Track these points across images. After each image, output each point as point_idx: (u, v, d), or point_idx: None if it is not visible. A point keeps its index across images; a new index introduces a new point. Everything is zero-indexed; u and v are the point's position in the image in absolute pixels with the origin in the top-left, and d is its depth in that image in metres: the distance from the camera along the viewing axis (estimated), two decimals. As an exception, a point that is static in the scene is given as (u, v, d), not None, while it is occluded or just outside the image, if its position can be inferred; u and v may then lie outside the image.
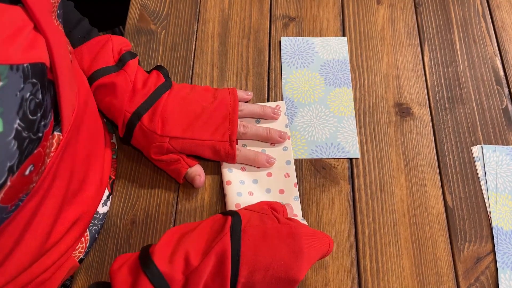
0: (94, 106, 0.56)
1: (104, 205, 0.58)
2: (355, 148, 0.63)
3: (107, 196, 0.59)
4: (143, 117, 0.56)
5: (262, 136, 0.62)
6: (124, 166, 0.62)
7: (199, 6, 0.75)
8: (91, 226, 0.56)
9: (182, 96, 0.59)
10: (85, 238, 0.55)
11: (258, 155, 0.60)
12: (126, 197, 0.60)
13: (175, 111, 0.57)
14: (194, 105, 0.59)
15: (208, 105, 0.59)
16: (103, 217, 0.58)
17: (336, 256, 0.57)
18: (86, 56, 0.58)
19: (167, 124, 0.56)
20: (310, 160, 0.62)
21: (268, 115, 0.63)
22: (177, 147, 0.57)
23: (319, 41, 0.72)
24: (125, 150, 0.63)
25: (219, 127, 0.58)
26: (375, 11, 0.75)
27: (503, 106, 0.67)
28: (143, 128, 0.56)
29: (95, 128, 0.55)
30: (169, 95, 0.58)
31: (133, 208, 0.59)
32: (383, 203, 0.60)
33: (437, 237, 0.58)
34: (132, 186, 0.60)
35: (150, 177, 0.61)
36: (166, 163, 0.58)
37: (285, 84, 0.68)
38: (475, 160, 0.63)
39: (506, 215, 0.59)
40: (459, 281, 0.55)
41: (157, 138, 0.56)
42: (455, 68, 0.70)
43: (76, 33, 0.59)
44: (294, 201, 0.59)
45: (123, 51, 0.60)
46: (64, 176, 0.47)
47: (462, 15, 0.75)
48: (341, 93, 0.68)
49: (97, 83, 0.56)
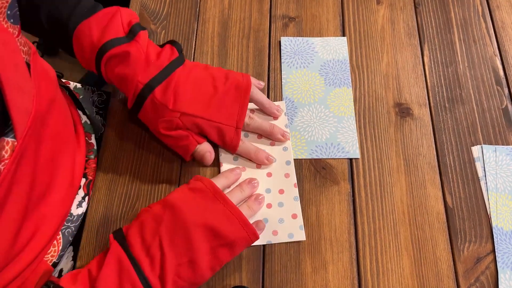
0: (62, 106, 0.54)
1: (79, 206, 0.57)
2: (355, 148, 0.63)
3: (82, 197, 0.58)
4: (155, 90, 0.55)
5: (265, 131, 0.62)
6: (124, 166, 0.62)
7: (199, 6, 0.75)
8: (64, 229, 0.55)
9: (196, 73, 0.59)
10: (57, 241, 0.54)
11: (259, 151, 0.61)
12: (126, 197, 0.60)
13: (188, 88, 0.57)
14: (207, 84, 0.58)
15: (221, 86, 0.59)
16: (77, 219, 0.57)
17: (336, 256, 0.57)
18: (95, 28, 0.56)
19: (179, 99, 0.56)
20: (310, 160, 0.62)
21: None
22: (186, 124, 0.57)
23: (319, 41, 0.72)
24: (125, 150, 0.63)
25: (229, 110, 0.58)
26: (375, 11, 0.75)
27: (503, 106, 0.67)
28: (154, 101, 0.56)
29: (63, 130, 0.54)
30: (183, 71, 0.58)
31: (133, 208, 0.59)
32: (383, 203, 0.60)
33: (437, 237, 0.58)
34: (132, 186, 0.60)
35: (150, 177, 0.61)
36: (174, 139, 0.58)
37: (285, 84, 0.68)
38: (475, 160, 0.63)
39: (506, 215, 0.59)
40: (459, 281, 0.55)
41: (167, 112, 0.56)
42: (455, 68, 0.70)
43: (81, 8, 0.57)
44: (294, 201, 0.59)
45: (132, 23, 0.58)
46: (24, 182, 0.45)
47: (462, 15, 0.75)
48: (341, 93, 0.68)
49: (109, 53, 0.55)
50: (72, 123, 0.59)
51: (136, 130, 0.64)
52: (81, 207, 0.58)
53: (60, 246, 0.54)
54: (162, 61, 0.57)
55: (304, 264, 0.56)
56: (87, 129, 0.63)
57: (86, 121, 0.64)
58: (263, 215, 0.58)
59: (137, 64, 0.55)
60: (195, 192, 0.53)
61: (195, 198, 0.52)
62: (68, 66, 1.53)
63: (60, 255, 0.55)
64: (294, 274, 0.56)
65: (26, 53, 0.46)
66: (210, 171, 0.61)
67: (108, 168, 0.62)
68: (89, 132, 0.63)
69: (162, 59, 0.57)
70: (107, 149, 0.63)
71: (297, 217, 0.58)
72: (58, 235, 0.54)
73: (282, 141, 0.63)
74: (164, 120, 0.56)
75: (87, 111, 0.68)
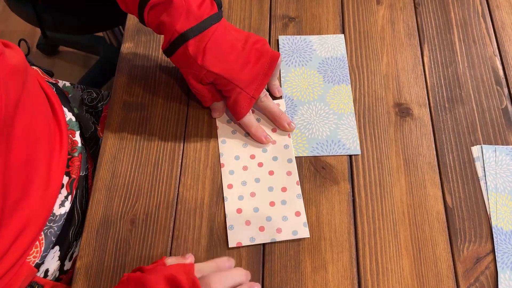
0: (32, 105, 0.53)
1: (62, 206, 0.57)
2: (355, 145, 0.63)
3: (65, 196, 0.58)
4: (189, 42, 0.57)
5: (274, 113, 0.63)
6: (124, 166, 0.62)
7: (199, 6, 0.75)
8: (46, 229, 0.55)
9: (229, 32, 0.60)
10: (39, 242, 0.54)
11: (260, 128, 0.62)
12: (126, 197, 0.60)
13: (219, 46, 0.58)
14: (237, 45, 0.59)
15: (249, 48, 0.60)
16: (60, 219, 0.57)
17: (336, 256, 0.57)
18: None
19: (208, 56, 0.57)
20: (310, 160, 0.62)
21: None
22: (210, 79, 0.59)
23: (316, 39, 0.72)
24: (125, 150, 0.63)
25: (251, 76, 0.60)
26: (375, 12, 0.75)
27: (502, 106, 0.67)
28: (186, 53, 0.57)
29: (36, 129, 0.53)
30: (218, 28, 0.58)
31: (133, 208, 0.59)
32: (383, 203, 0.60)
33: (437, 237, 0.58)
34: (132, 186, 0.60)
35: (150, 177, 0.61)
36: (196, 89, 0.61)
37: (284, 82, 0.68)
38: (475, 160, 0.63)
39: (506, 215, 0.59)
40: (459, 281, 0.56)
41: (196, 66, 0.58)
42: (455, 68, 0.70)
43: None
44: (297, 199, 0.59)
45: None
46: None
47: (461, 15, 0.75)
48: (340, 90, 0.68)
49: (152, 2, 0.56)
50: (47, 121, 0.57)
51: (136, 130, 0.64)
52: (64, 206, 0.57)
53: (42, 247, 0.54)
54: (202, 13, 0.57)
55: (304, 264, 0.56)
56: (71, 126, 0.63)
57: (71, 119, 0.64)
58: (267, 213, 0.58)
59: (178, 13, 0.56)
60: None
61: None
62: (68, 66, 1.54)
63: (42, 255, 0.54)
64: (294, 274, 0.56)
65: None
66: (210, 171, 0.61)
67: (108, 168, 0.62)
68: (73, 129, 0.63)
69: (202, 11, 0.57)
70: (107, 149, 0.63)
71: (301, 214, 0.58)
72: (41, 235, 0.54)
73: (286, 130, 0.64)
74: (192, 71, 0.59)
75: (75, 109, 0.68)
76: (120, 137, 0.64)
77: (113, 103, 0.67)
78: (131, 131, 0.64)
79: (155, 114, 0.66)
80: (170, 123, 0.65)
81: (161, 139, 0.64)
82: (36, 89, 0.56)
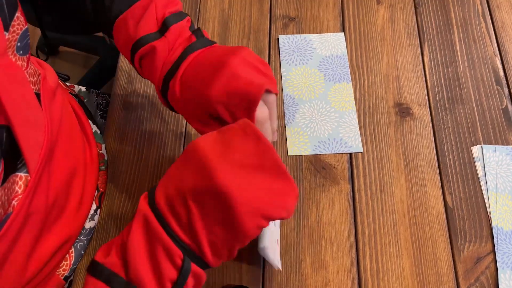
0: (69, 122, 0.52)
1: (91, 219, 0.57)
2: (357, 143, 0.63)
3: (94, 210, 0.58)
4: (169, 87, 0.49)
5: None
6: (124, 166, 0.62)
7: (199, 6, 0.75)
8: (76, 243, 0.55)
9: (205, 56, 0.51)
10: (69, 255, 0.54)
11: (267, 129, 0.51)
12: (126, 197, 0.60)
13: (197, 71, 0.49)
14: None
15: None
16: (89, 232, 0.57)
17: (336, 256, 0.57)
18: (130, 23, 0.51)
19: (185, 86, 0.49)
20: (310, 160, 0.62)
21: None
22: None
23: (316, 37, 0.72)
24: (125, 150, 0.63)
25: None
26: (375, 11, 0.75)
27: (503, 106, 0.67)
28: (173, 98, 0.50)
29: (72, 148, 0.52)
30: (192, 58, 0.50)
31: (133, 209, 0.59)
32: (383, 203, 0.60)
33: (437, 237, 0.58)
34: (132, 186, 0.60)
35: (150, 177, 0.61)
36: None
37: (285, 81, 0.68)
38: (475, 160, 0.63)
39: (506, 215, 0.59)
40: (459, 281, 0.55)
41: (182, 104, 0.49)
42: (455, 68, 0.70)
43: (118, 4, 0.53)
44: None
45: (167, 15, 0.51)
46: (39, 212, 0.45)
47: (462, 15, 0.75)
48: (341, 88, 0.68)
49: (139, 54, 0.50)
50: (81, 138, 0.57)
51: (136, 130, 0.64)
52: (93, 220, 0.57)
53: (72, 260, 0.54)
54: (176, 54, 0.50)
55: (304, 264, 0.56)
56: (97, 139, 0.62)
57: (96, 131, 0.63)
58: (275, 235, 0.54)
59: (161, 61, 0.50)
60: (223, 133, 0.43)
61: (222, 137, 0.43)
62: (68, 66, 1.53)
63: (72, 268, 0.55)
64: (294, 274, 0.56)
65: (35, 83, 0.45)
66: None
67: (108, 169, 0.62)
68: (99, 142, 0.63)
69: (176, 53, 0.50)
70: (107, 149, 0.63)
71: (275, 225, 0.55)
72: (71, 249, 0.54)
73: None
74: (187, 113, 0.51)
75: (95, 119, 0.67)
76: (120, 137, 0.64)
77: (113, 103, 0.67)
78: (131, 131, 0.64)
79: (155, 114, 0.66)
80: (170, 123, 0.65)
81: (161, 139, 0.64)
82: (67, 107, 0.55)
